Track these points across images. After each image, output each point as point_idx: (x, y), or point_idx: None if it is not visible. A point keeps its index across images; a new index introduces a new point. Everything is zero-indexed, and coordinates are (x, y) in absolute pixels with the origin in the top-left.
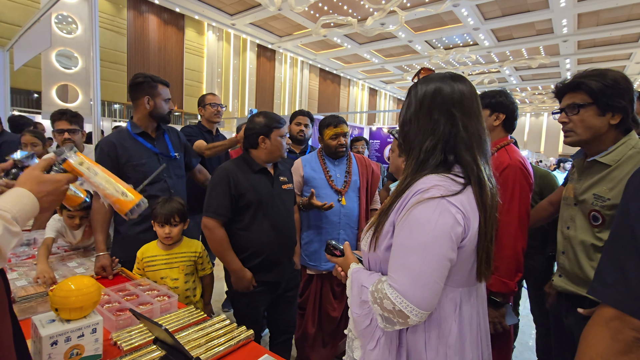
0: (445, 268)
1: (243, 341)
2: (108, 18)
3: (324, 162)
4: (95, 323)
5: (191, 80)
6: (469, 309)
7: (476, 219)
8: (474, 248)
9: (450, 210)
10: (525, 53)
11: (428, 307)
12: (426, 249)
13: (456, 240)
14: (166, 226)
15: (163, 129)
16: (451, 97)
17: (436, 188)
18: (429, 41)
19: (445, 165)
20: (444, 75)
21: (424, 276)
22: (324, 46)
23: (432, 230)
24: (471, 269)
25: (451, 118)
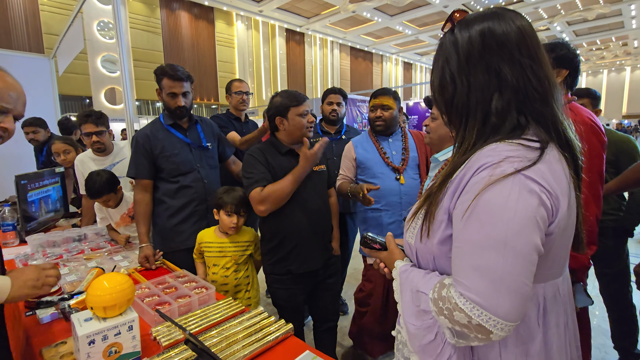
0: (534, 264)
1: (282, 336)
2: (143, 19)
3: (377, 140)
4: (131, 320)
5: (224, 71)
6: (556, 308)
7: (565, 193)
8: (562, 232)
9: (532, 188)
10: (580, 4)
11: (517, 316)
12: (508, 244)
13: (544, 225)
14: (234, 216)
15: (195, 119)
16: (509, 37)
17: (507, 161)
18: (466, 4)
19: (520, 128)
20: (488, 13)
21: (508, 279)
22: (354, 23)
23: (512, 218)
24: (558, 258)
25: (516, 64)
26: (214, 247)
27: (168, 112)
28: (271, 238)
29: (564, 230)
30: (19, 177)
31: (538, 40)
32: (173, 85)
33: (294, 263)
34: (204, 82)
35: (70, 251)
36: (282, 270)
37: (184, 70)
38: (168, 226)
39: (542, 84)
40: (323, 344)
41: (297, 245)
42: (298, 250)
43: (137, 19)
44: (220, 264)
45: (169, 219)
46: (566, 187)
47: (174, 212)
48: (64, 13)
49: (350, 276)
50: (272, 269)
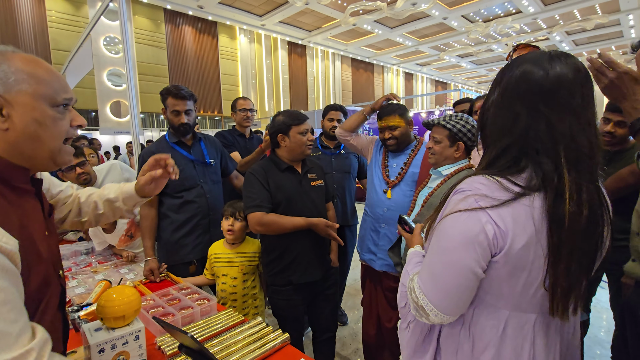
0: (467, 278)
1: (279, 345)
2: (148, 34)
3: (387, 152)
4: (137, 330)
5: (227, 84)
6: (527, 340)
7: (522, 235)
8: (524, 269)
9: (479, 218)
10: (578, 14)
11: (447, 311)
12: (445, 253)
13: (482, 251)
14: (230, 218)
15: (199, 136)
16: (541, 84)
17: (473, 198)
18: (465, 15)
19: (514, 168)
20: (540, 55)
21: (442, 280)
22: (355, 35)
23: (454, 235)
24: (526, 294)
25: (534, 112)
26: (222, 257)
27: (172, 130)
28: (272, 250)
29: (518, 269)
30: None
31: (580, 91)
32: (176, 103)
33: (294, 274)
34: (207, 95)
35: (79, 264)
36: (282, 281)
37: (187, 90)
38: (172, 240)
39: (558, 135)
40: (322, 354)
41: (297, 257)
42: (298, 262)
43: (143, 34)
44: (229, 273)
45: (173, 233)
46: (531, 230)
47: (178, 226)
48: (71, 29)
49: (350, 287)
50: (273, 280)
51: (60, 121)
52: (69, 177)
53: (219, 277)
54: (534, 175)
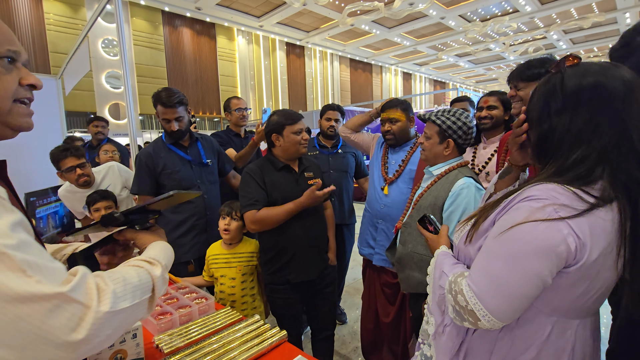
0: (536, 287)
1: (276, 342)
2: (146, 36)
3: (387, 148)
4: (135, 328)
5: (226, 85)
6: (569, 344)
7: (598, 247)
8: (587, 280)
9: (560, 229)
10: (575, 13)
11: (503, 318)
12: (516, 260)
13: (558, 262)
14: (227, 218)
15: (195, 137)
16: (621, 94)
17: (552, 207)
18: (463, 15)
19: (587, 178)
20: (604, 66)
21: (506, 288)
22: (352, 35)
23: (531, 243)
24: (578, 302)
25: (619, 123)
26: (220, 258)
27: (168, 135)
28: (269, 250)
29: (582, 280)
30: (28, 195)
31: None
32: (165, 112)
33: (292, 273)
34: (206, 97)
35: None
36: (280, 280)
37: (177, 96)
38: (169, 240)
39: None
40: (321, 353)
41: (294, 256)
42: (295, 261)
43: (141, 36)
44: (227, 274)
45: (170, 232)
46: (604, 243)
47: (175, 226)
48: (69, 32)
49: (349, 286)
50: (271, 279)
51: (4, 76)
52: (68, 178)
53: (217, 279)
54: (608, 185)
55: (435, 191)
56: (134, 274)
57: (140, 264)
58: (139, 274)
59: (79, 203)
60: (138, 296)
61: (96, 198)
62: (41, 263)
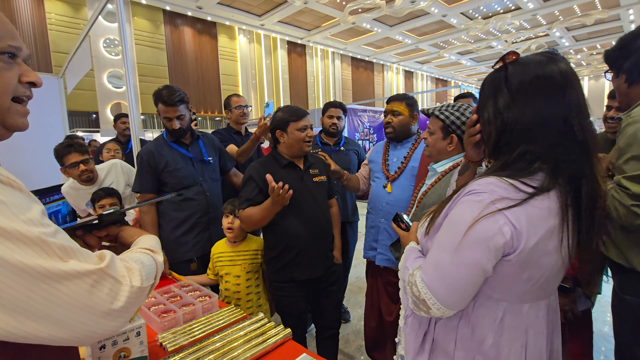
0: (477, 276)
1: (280, 340)
2: (148, 36)
3: (388, 145)
4: (138, 327)
5: (227, 85)
6: (521, 327)
7: (536, 235)
8: (530, 267)
9: (496, 220)
10: (578, 10)
11: (451, 306)
12: (458, 251)
13: (495, 251)
14: (230, 216)
15: (197, 134)
16: (560, 85)
17: (490, 193)
18: (465, 13)
19: (528, 170)
20: (541, 60)
21: (450, 277)
22: (354, 34)
23: (469, 234)
24: (525, 287)
25: (561, 113)
26: (224, 256)
27: (169, 133)
28: (274, 247)
29: (525, 266)
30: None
31: (582, 88)
32: (167, 110)
33: (296, 270)
34: (207, 96)
35: None
36: (284, 278)
37: (178, 94)
38: (172, 237)
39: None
40: (325, 351)
41: (298, 253)
42: (300, 259)
43: (142, 36)
44: (231, 272)
45: (173, 230)
46: (542, 230)
47: (178, 224)
48: (71, 32)
49: (352, 284)
50: (276, 277)
51: (4, 72)
52: (71, 173)
53: (222, 277)
54: (549, 176)
55: (439, 189)
56: (146, 259)
57: (146, 252)
58: (149, 260)
59: (82, 200)
60: (152, 278)
61: (101, 195)
62: (74, 247)
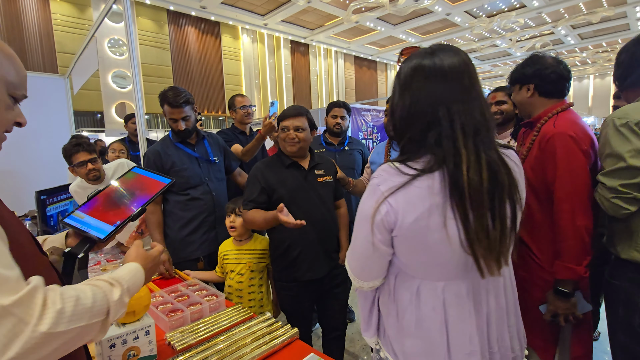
0: (368, 249)
1: (288, 340)
2: (152, 36)
3: (389, 147)
4: (147, 325)
5: (231, 84)
6: (438, 304)
7: (415, 211)
8: (421, 243)
9: (375, 198)
10: (584, 7)
11: (360, 276)
12: (355, 226)
13: (377, 227)
14: (232, 215)
15: (202, 134)
16: (429, 72)
17: (379, 177)
18: (469, 11)
19: (416, 154)
20: (425, 50)
21: (353, 250)
22: (357, 33)
23: (360, 212)
24: (432, 264)
25: (429, 98)
26: (231, 254)
27: (175, 134)
28: (278, 246)
29: (415, 242)
30: (39, 193)
31: (467, 74)
32: (172, 112)
33: (299, 270)
34: (211, 95)
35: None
36: (288, 278)
37: (183, 95)
38: (179, 237)
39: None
40: (331, 352)
41: (301, 253)
42: (303, 258)
43: (147, 36)
44: (236, 270)
45: (179, 230)
46: (421, 208)
47: (185, 223)
48: (76, 32)
49: None
50: (280, 276)
51: (9, 111)
52: (79, 172)
53: (227, 274)
54: (432, 158)
55: None
56: (90, 295)
57: (100, 285)
58: (95, 296)
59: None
60: (86, 319)
61: None
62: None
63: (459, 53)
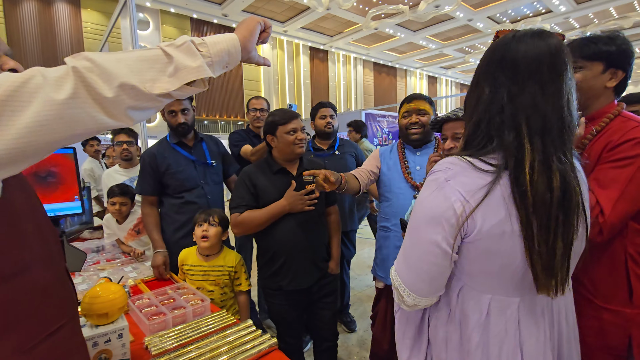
0: (435, 255)
1: (266, 350)
2: None
3: (403, 152)
4: (120, 328)
5: (250, 90)
6: (512, 324)
7: (497, 217)
8: (498, 252)
9: (447, 195)
10: (614, 12)
11: (419, 292)
12: (414, 230)
13: (449, 229)
14: (204, 224)
15: (200, 137)
16: (503, 58)
17: (444, 171)
18: (492, 17)
19: (488, 147)
20: (506, 35)
21: (411, 259)
22: (377, 39)
23: (422, 211)
24: (505, 277)
25: (495, 85)
26: (196, 270)
27: (172, 131)
28: (264, 253)
29: (491, 251)
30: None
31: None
32: (171, 103)
33: (284, 279)
34: (230, 100)
35: (87, 261)
36: (274, 286)
37: None
38: (173, 240)
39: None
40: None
41: (285, 262)
42: (287, 268)
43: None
44: (205, 287)
45: (174, 233)
46: (503, 211)
47: (179, 226)
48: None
49: (361, 293)
50: (265, 283)
51: None
52: (116, 150)
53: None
54: (502, 155)
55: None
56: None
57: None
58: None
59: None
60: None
61: (115, 192)
62: None
63: (545, 38)
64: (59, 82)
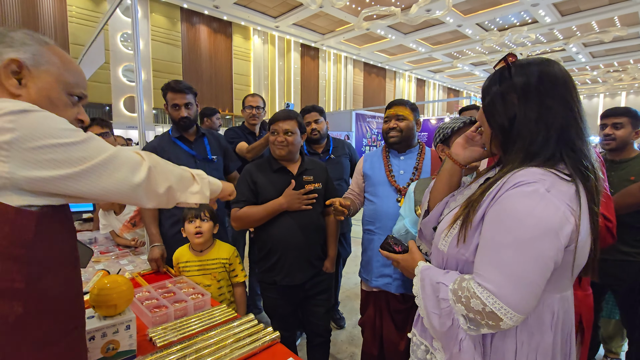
0: (549, 269)
1: (268, 343)
2: (164, 32)
3: (388, 156)
4: (128, 320)
5: (240, 84)
6: (567, 318)
7: (586, 220)
8: (585, 252)
9: (557, 205)
10: (596, 26)
11: (525, 310)
12: (525, 244)
13: (564, 239)
14: (196, 220)
15: (202, 132)
16: (562, 79)
17: (541, 182)
18: (480, 24)
19: (551, 160)
20: (540, 60)
21: (522, 275)
22: (368, 40)
23: (535, 224)
24: (570, 272)
25: (566, 104)
26: (192, 266)
27: (175, 125)
28: (261, 247)
29: (577, 257)
30: None
31: (575, 84)
32: (175, 97)
33: (278, 275)
34: (219, 94)
35: None
36: (269, 280)
37: (186, 84)
38: (171, 234)
39: (584, 122)
40: (315, 359)
41: (280, 258)
42: (281, 264)
43: (159, 32)
44: (202, 282)
45: (171, 227)
46: (587, 215)
47: (176, 220)
48: (90, 25)
49: (350, 291)
50: (262, 277)
51: (69, 108)
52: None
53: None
54: (569, 165)
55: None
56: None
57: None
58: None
59: None
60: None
61: None
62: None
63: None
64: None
